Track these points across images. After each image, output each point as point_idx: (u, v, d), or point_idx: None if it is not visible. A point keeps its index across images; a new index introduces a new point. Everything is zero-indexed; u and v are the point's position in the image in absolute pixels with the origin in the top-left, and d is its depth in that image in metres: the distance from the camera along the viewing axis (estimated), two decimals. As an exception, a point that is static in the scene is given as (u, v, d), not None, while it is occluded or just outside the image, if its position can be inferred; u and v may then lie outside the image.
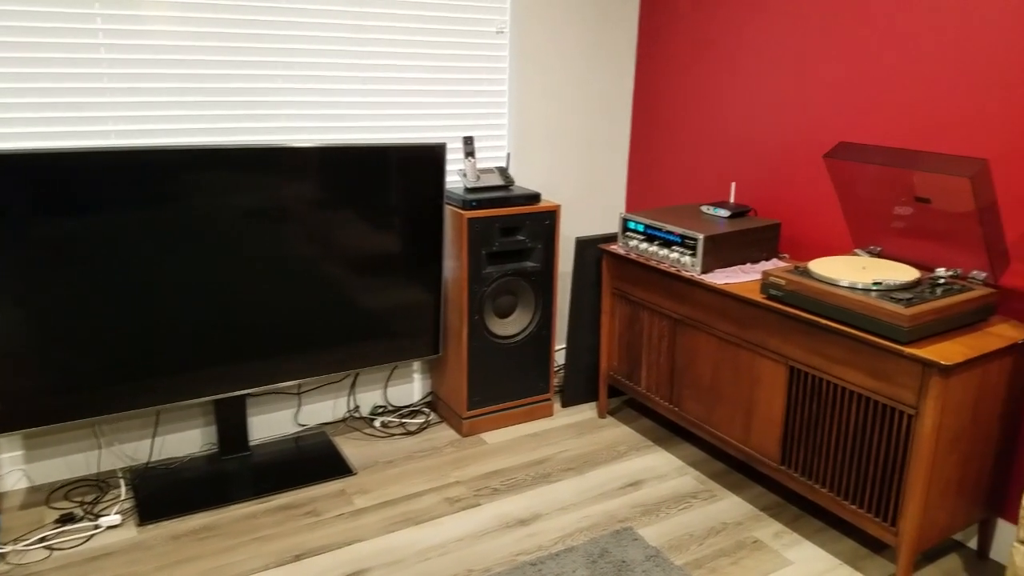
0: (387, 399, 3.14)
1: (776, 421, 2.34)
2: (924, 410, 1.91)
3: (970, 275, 2.17)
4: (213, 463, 2.69)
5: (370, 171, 2.56)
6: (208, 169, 2.30)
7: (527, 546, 2.30)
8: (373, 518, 2.43)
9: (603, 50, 3.30)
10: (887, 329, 1.96)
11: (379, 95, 2.83)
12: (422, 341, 2.86)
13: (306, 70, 2.67)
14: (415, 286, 2.77)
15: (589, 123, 3.35)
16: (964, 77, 2.20)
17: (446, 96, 2.98)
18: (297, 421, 2.96)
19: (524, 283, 2.90)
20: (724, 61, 2.96)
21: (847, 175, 2.32)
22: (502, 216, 2.78)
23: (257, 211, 2.41)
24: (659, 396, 2.80)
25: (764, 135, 2.84)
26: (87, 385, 2.30)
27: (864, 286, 2.09)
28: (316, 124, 2.73)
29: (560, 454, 2.83)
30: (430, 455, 2.81)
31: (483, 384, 2.92)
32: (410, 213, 2.68)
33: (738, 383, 2.45)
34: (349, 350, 2.71)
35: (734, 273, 2.52)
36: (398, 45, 2.82)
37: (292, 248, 2.50)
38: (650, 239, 2.71)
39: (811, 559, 2.26)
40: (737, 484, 2.64)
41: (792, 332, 2.23)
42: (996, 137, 2.15)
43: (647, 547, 2.27)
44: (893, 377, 1.99)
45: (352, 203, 2.56)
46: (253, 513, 2.44)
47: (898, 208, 2.26)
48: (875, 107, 2.45)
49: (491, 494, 2.57)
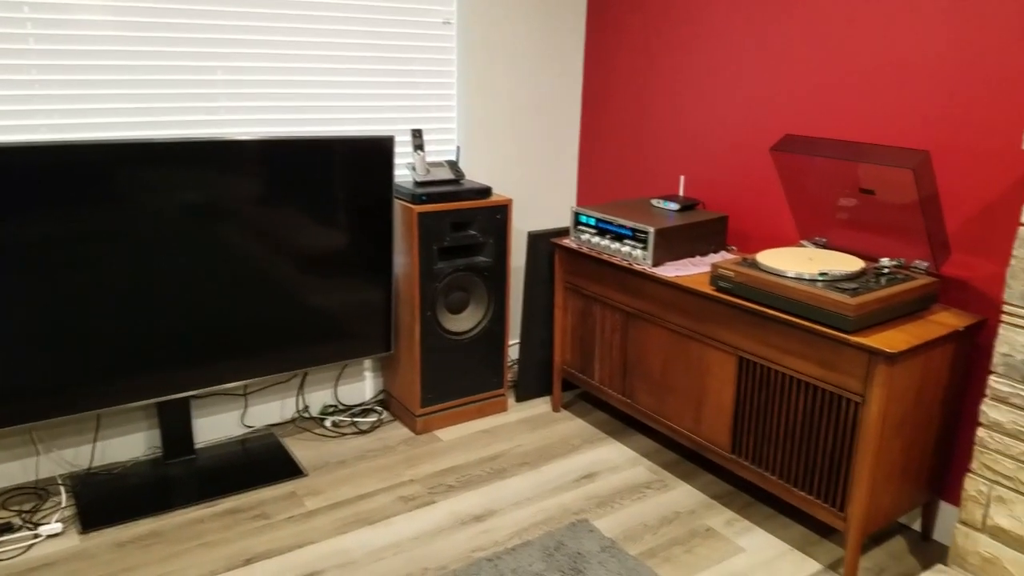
0: (338, 398, 3.09)
1: (726, 411, 2.37)
2: (870, 397, 1.95)
3: (913, 265, 2.23)
4: (157, 467, 2.62)
5: (315, 165, 2.51)
6: (144, 164, 2.23)
7: (483, 542, 2.29)
8: (325, 519, 2.39)
9: (551, 43, 3.29)
10: (833, 319, 2.00)
11: (324, 87, 2.78)
12: (373, 339, 2.82)
13: (247, 61, 2.60)
14: (365, 282, 2.73)
15: (539, 116, 3.34)
16: (905, 71, 2.25)
17: (393, 88, 2.94)
18: (244, 423, 2.90)
19: (476, 278, 2.88)
20: (672, 56, 2.98)
21: (793, 167, 2.36)
22: (453, 210, 2.75)
23: (197, 207, 2.34)
24: (612, 389, 2.81)
25: (712, 129, 2.87)
26: (21, 390, 2.21)
27: (810, 277, 2.13)
28: (258, 116, 2.67)
29: (515, 449, 2.82)
30: (383, 454, 2.78)
31: (436, 381, 2.89)
32: (358, 208, 2.63)
33: (689, 374, 2.47)
34: (297, 349, 2.66)
35: (684, 266, 2.55)
36: (343, 36, 2.78)
37: (235, 246, 2.44)
38: (602, 233, 2.72)
39: (762, 545, 2.29)
40: (689, 473, 2.67)
41: (741, 323, 2.26)
42: (937, 129, 2.20)
43: (602, 538, 2.28)
44: (839, 365, 2.02)
45: (297, 198, 2.51)
46: (200, 518, 2.38)
47: (843, 199, 2.30)
48: (820, 100, 2.49)
49: (446, 491, 2.55)
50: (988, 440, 1.89)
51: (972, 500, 1.94)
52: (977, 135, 2.11)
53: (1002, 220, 2.08)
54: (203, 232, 2.37)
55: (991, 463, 1.89)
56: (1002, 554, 1.90)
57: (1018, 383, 1.81)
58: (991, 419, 1.88)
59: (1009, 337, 1.82)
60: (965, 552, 1.98)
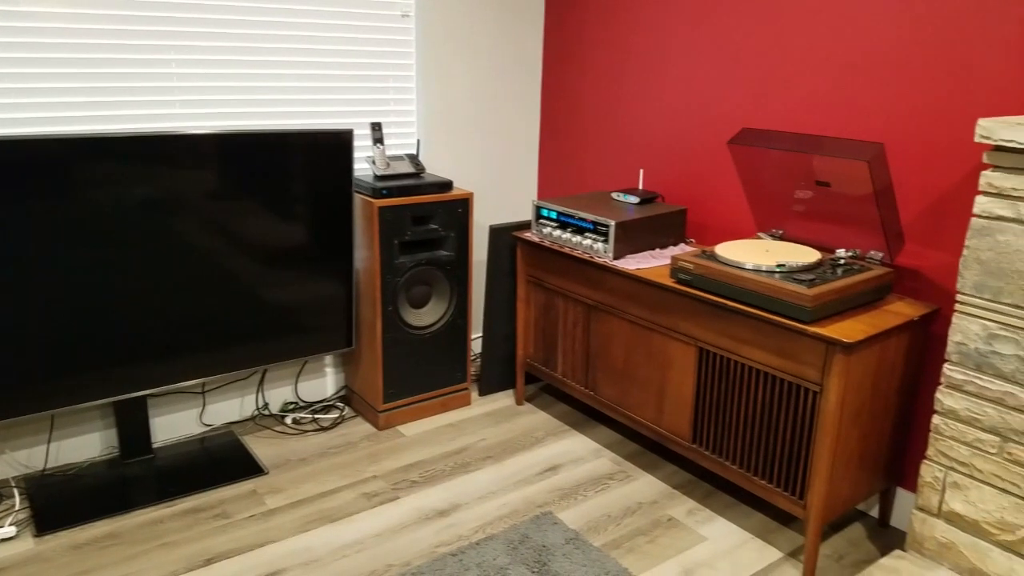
0: (298, 395, 3.05)
1: (687, 401, 2.39)
2: (828, 387, 1.99)
3: (868, 256, 2.27)
4: (114, 468, 2.56)
5: (273, 159, 2.47)
6: (97, 159, 2.17)
7: (447, 537, 2.28)
8: (287, 518, 2.36)
9: (510, 36, 3.28)
10: (791, 309, 2.02)
11: (282, 79, 2.74)
12: (334, 334, 2.79)
13: (203, 53, 2.55)
14: (325, 278, 2.70)
15: (499, 109, 3.33)
16: (860, 65, 2.29)
17: (352, 81, 2.90)
18: (202, 421, 2.85)
19: (438, 272, 2.86)
20: (631, 49, 2.99)
21: (750, 160, 2.38)
22: (414, 204, 2.73)
23: (152, 203, 2.29)
24: (575, 381, 2.82)
25: (671, 122, 2.89)
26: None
27: (768, 268, 2.15)
28: (215, 110, 2.62)
29: (478, 443, 2.82)
30: (345, 450, 2.75)
31: (399, 376, 2.87)
32: (318, 202, 2.60)
33: (650, 366, 2.49)
34: (257, 346, 2.62)
35: (644, 258, 2.56)
36: (301, 28, 2.73)
37: (192, 241, 2.39)
38: (563, 226, 2.72)
39: (724, 534, 2.32)
40: (651, 464, 2.70)
41: (701, 315, 2.28)
42: (891, 122, 2.24)
43: (567, 530, 2.29)
44: (798, 355, 2.05)
45: (256, 193, 2.47)
46: (159, 518, 2.34)
47: (799, 192, 2.33)
48: (777, 94, 2.52)
49: (409, 487, 2.53)
50: (943, 427, 1.93)
51: (928, 486, 1.99)
52: (930, 128, 2.15)
53: (954, 211, 2.13)
54: (158, 228, 2.32)
55: (946, 450, 1.94)
56: (958, 539, 1.95)
57: (972, 371, 1.86)
58: (946, 407, 1.92)
59: (962, 326, 1.86)
60: (922, 537, 2.02)
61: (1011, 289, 1.75)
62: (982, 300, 1.81)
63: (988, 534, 1.88)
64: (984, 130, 1.71)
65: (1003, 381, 1.80)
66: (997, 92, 1.99)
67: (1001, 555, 1.86)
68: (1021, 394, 1.77)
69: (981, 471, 1.87)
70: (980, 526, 1.89)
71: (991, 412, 1.83)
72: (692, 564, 2.18)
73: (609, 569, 2.12)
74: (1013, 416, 1.79)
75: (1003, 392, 1.80)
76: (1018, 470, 1.80)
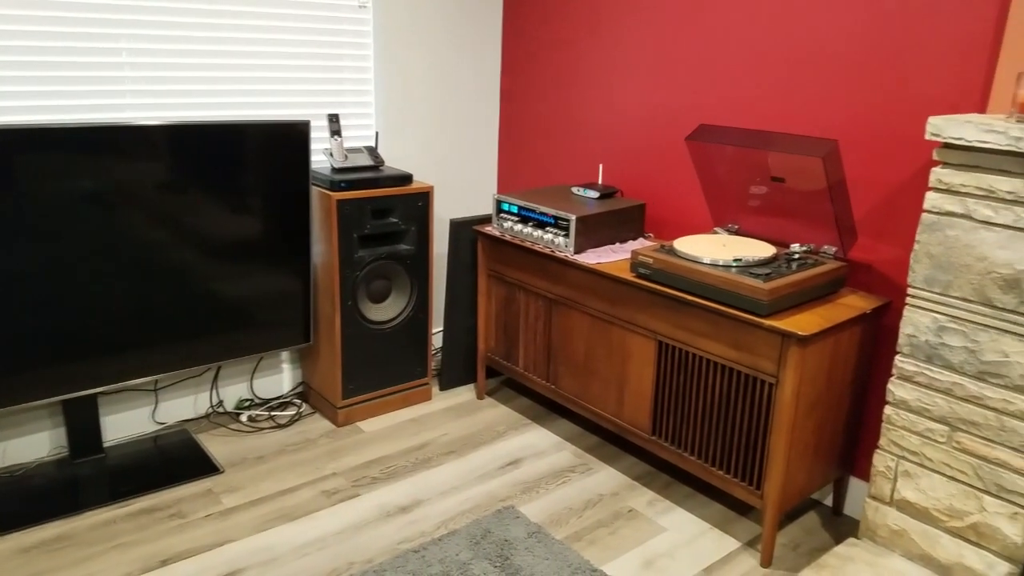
0: (253, 392, 3.01)
1: (646, 394, 2.42)
2: (784, 378, 2.02)
3: (822, 250, 2.31)
4: (64, 468, 2.49)
5: (228, 151, 2.42)
6: (45, 150, 2.10)
7: (409, 533, 2.27)
8: (244, 517, 2.32)
9: (469, 29, 3.27)
10: (748, 303, 2.06)
11: (237, 70, 2.68)
12: (292, 330, 2.75)
13: (155, 43, 2.48)
14: (282, 272, 2.66)
15: (458, 102, 3.32)
16: (815, 63, 2.33)
17: (309, 72, 2.86)
18: (155, 419, 2.79)
19: (398, 266, 2.84)
20: (590, 44, 3.00)
21: (707, 156, 2.41)
22: (373, 198, 2.70)
23: (103, 195, 2.23)
24: (536, 375, 2.83)
25: (629, 118, 2.91)
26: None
27: (725, 263, 2.18)
28: (168, 101, 2.56)
29: (440, 438, 2.81)
30: (303, 448, 2.72)
31: (358, 371, 2.85)
32: (274, 195, 2.56)
33: (611, 359, 2.51)
34: (212, 342, 2.57)
35: (604, 253, 2.58)
36: (257, 18, 2.68)
37: (144, 235, 2.33)
38: (524, 220, 2.72)
39: (683, 524, 2.36)
40: (611, 456, 2.72)
41: (660, 308, 2.31)
42: (844, 119, 2.29)
43: (529, 524, 2.30)
44: (754, 348, 2.09)
45: (210, 186, 2.42)
46: (112, 519, 2.28)
47: (755, 187, 2.37)
48: (734, 91, 2.55)
49: (370, 484, 2.51)
50: (895, 417, 1.99)
51: (881, 475, 2.04)
52: (882, 125, 2.20)
53: (905, 207, 2.18)
54: (109, 221, 2.26)
55: (898, 439, 1.99)
56: (909, 526, 2.00)
57: (922, 362, 1.91)
58: (898, 397, 1.98)
59: (913, 318, 1.91)
60: (875, 525, 2.08)
61: (960, 283, 1.81)
62: (932, 293, 1.87)
63: (938, 521, 1.94)
64: (934, 128, 1.76)
65: (952, 372, 1.86)
66: (946, 91, 2.05)
67: (951, 541, 1.92)
68: (969, 384, 1.83)
69: (931, 460, 1.93)
70: (930, 513, 1.95)
71: (940, 402, 1.89)
72: (653, 555, 2.21)
73: (571, 562, 2.14)
74: (961, 406, 1.85)
75: (952, 383, 1.86)
76: (966, 458, 1.86)
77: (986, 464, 1.83)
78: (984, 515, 1.85)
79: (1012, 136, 1.63)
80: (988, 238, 1.75)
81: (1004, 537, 1.83)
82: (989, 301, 1.76)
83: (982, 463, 1.83)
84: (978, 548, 1.88)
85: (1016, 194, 1.68)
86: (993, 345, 1.77)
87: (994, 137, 1.66)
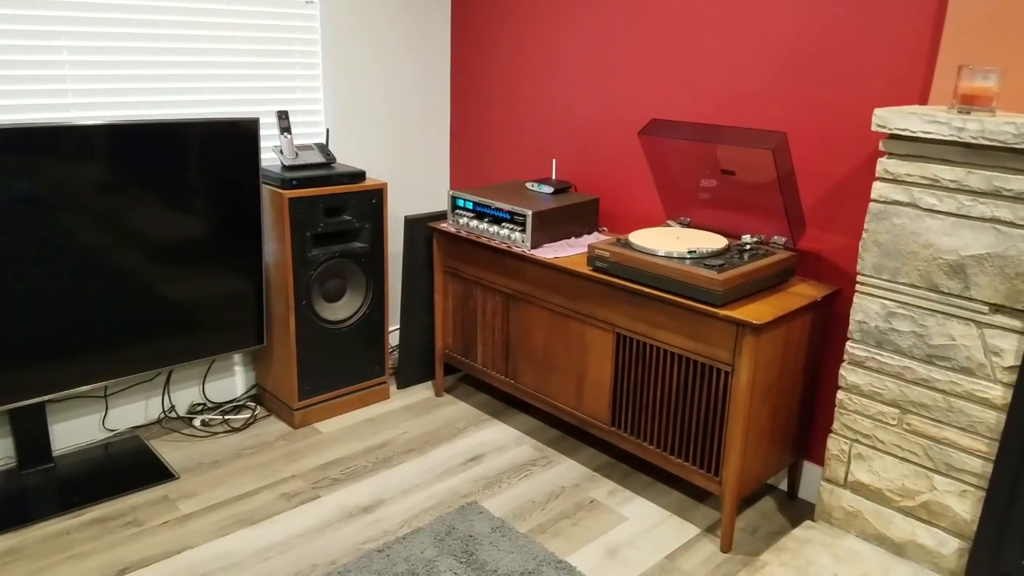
0: (206, 395, 2.95)
1: (605, 386, 2.44)
2: (739, 367, 2.07)
3: (771, 240, 2.37)
4: (12, 479, 2.41)
5: (175, 150, 2.37)
6: (-15, 151, 2.03)
7: (373, 533, 2.26)
8: (203, 522, 2.28)
9: (418, 24, 3.25)
10: (703, 294, 2.09)
11: (183, 67, 2.62)
12: (244, 331, 2.70)
13: (98, 40, 2.41)
14: (234, 273, 2.61)
15: (409, 98, 3.30)
16: (763, 57, 2.37)
17: (256, 68, 2.81)
18: (105, 426, 2.72)
19: (353, 265, 2.81)
20: (540, 40, 3.01)
21: (659, 150, 2.44)
22: (326, 195, 2.67)
23: (45, 198, 2.16)
24: (495, 370, 2.83)
25: (582, 113, 2.93)
26: None
27: (680, 255, 2.22)
28: (112, 100, 2.48)
29: (400, 436, 2.79)
30: (260, 451, 2.68)
31: (314, 372, 2.81)
32: (224, 194, 2.51)
33: (569, 352, 2.53)
34: (163, 346, 2.51)
35: (561, 247, 2.59)
36: (202, 14, 2.62)
37: (90, 239, 2.27)
38: (480, 216, 2.72)
39: (644, 513, 2.39)
40: (572, 448, 2.74)
41: (617, 301, 2.33)
42: (792, 112, 2.34)
43: (492, 519, 2.30)
44: (710, 338, 2.13)
45: (157, 186, 2.36)
46: (65, 529, 2.22)
47: (705, 180, 2.41)
48: (685, 86, 2.59)
49: (331, 485, 2.49)
50: (847, 402, 2.05)
51: (835, 459, 2.10)
52: (828, 117, 2.26)
53: (852, 197, 2.25)
54: (54, 224, 2.18)
55: (851, 423, 2.05)
56: (863, 507, 2.07)
57: (873, 348, 1.97)
58: (850, 382, 2.03)
59: (863, 305, 1.97)
60: (831, 508, 2.14)
61: (907, 269, 1.87)
62: (881, 280, 1.93)
63: (891, 501, 2.01)
64: (880, 119, 1.81)
65: (901, 356, 1.92)
66: (889, 83, 2.11)
67: (903, 520, 1.99)
68: (918, 368, 1.89)
69: (883, 442, 1.99)
70: (883, 494, 2.02)
71: (891, 386, 1.95)
72: (616, 544, 2.24)
73: (536, 554, 2.15)
74: (911, 389, 1.92)
75: (901, 367, 1.92)
76: (916, 439, 1.93)
77: (936, 444, 1.90)
78: (935, 494, 1.92)
79: (954, 127, 1.69)
80: (933, 226, 1.81)
81: (954, 514, 1.90)
82: (935, 287, 1.83)
83: (932, 443, 1.90)
84: (929, 526, 1.95)
85: (959, 183, 1.75)
86: (940, 329, 1.84)
87: (937, 128, 1.72)
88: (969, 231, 1.76)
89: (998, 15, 1.82)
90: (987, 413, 1.80)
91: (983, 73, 1.73)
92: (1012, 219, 1.69)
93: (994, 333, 1.76)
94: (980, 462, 1.83)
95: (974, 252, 1.76)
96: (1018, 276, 1.70)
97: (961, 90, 1.76)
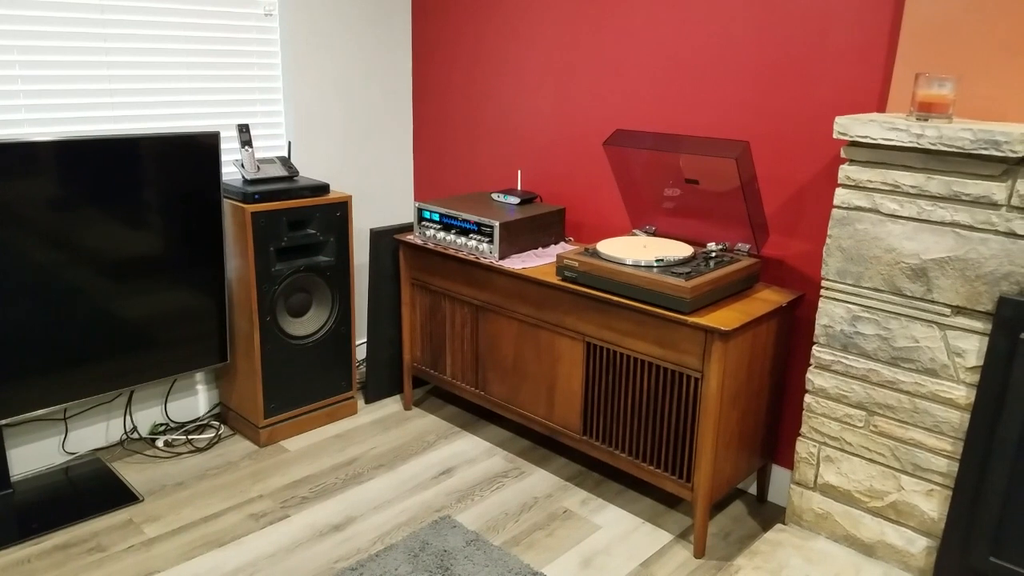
0: (168, 415, 2.88)
1: (576, 395, 2.45)
2: (708, 373, 2.08)
3: (736, 248, 2.39)
4: (-35, 509, 2.33)
5: (133, 165, 2.32)
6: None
7: (345, 551, 2.22)
8: (169, 546, 2.23)
9: (378, 37, 3.23)
10: (671, 301, 2.11)
11: (140, 81, 2.57)
12: (207, 349, 2.65)
13: (51, 54, 2.35)
14: (195, 289, 2.56)
15: (371, 110, 3.27)
16: (724, 66, 2.41)
17: (216, 82, 2.77)
18: (65, 449, 2.64)
19: (318, 279, 2.78)
20: (501, 51, 3.02)
21: (624, 160, 2.46)
22: (289, 209, 2.64)
23: None
24: (465, 382, 2.81)
25: (546, 124, 2.94)
26: None
27: (647, 263, 2.23)
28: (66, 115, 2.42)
29: (369, 452, 2.76)
30: (225, 471, 2.63)
31: (280, 389, 2.77)
32: (184, 209, 2.46)
33: (540, 362, 2.53)
34: (123, 365, 2.45)
35: (529, 258, 2.59)
36: (160, 27, 2.57)
37: (46, 256, 2.20)
38: (446, 228, 2.71)
39: (617, 521, 2.39)
40: (543, 458, 2.74)
41: (586, 310, 2.34)
42: (754, 121, 2.37)
43: (466, 532, 2.29)
44: (679, 345, 2.14)
45: (116, 202, 2.30)
46: (25, 557, 2.14)
47: (670, 189, 2.43)
48: (649, 96, 2.61)
49: (299, 503, 2.45)
50: (815, 405, 2.08)
51: (804, 462, 2.13)
52: (789, 125, 2.29)
53: (813, 203, 2.28)
54: (4, 243, 2.12)
55: (819, 426, 2.08)
56: (832, 508, 2.09)
57: (839, 351, 2.00)
58: (816, 385, 2.06)
59: (828, 309, 2.00)
60: (801, 510, 2.16)
61: (870, 274, 1.90)
62: (845, 285, 1.96)
63: (860, 502, 2.04)
64: (841, 127, 1.85)
65: (866, 359, 1.95)
66: (848, 92, 2.15)
67: (872, 520, 2.02)
68: (883, 370, 1.93)
69: (851, 444, 2.03)
70: (852, 495, 2.05)
71: (857, 388, 1.98)
72: (590, 553, 2.24)
73: (511, 567, 2.14)
74: (876, 391, 1.95)
75: (867, 369, 1.95)
76: (883, 441, 1.96)
77: (902, 445, 1.93)
78: (902, 494, 1.95)
79: (913, 133, 1.73)
80: (895, 230, 1.85)
81: (921, 513, 1.93)
82: (899, 290, 1.87)
83: (898, 444, 1.94)
84: (898, 525, 1.98)
85: (919, 188, 1.79)
86: (904, 332, 1.88)
87: (896, 135, 1.76)
88: (930, 235, 1.80)
89: (953, 24, 1.87)
90: (951, 413, 1.84)
91: (939, 81, 1.78)
92: (971, 223, 1.73)
93: (956, 335, 1.80)
94: (946, 461, 1.87)
95: (935, 256, 1.80)
96: (978, 278, 1.74)
97: (919, 98, 1.80)
